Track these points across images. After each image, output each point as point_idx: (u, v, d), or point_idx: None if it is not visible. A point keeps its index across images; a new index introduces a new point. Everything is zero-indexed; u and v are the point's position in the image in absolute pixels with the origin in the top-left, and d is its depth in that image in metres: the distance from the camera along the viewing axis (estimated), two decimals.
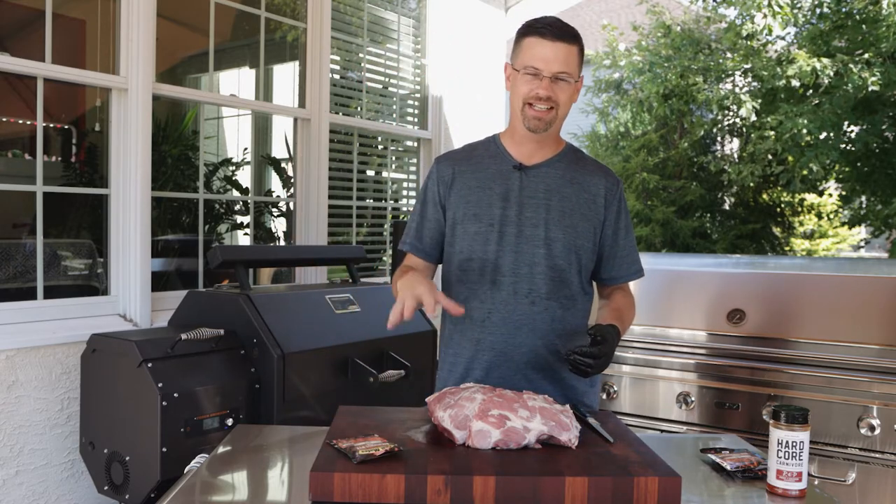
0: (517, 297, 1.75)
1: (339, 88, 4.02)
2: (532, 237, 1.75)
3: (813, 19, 7.78)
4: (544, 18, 1.70)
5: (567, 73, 1.68)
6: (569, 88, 1.71)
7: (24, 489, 2.59)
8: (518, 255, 1.74)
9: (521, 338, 1.75)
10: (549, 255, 1.75)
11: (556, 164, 1.80)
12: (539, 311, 1.75)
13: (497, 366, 1.76)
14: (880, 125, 7.37)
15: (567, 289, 1.78)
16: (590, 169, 1.84)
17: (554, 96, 1.69)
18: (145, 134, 2.94)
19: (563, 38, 1.67)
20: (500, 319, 1.75)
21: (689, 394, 2.61)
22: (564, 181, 1.79)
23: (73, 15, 4.43)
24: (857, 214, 9.35)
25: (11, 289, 3.27)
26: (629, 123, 10.52)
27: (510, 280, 1.75)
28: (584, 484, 1.22)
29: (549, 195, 1.77)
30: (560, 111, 1.72)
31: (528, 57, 1.69)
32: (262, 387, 2.51)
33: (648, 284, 2.91)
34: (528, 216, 1.75)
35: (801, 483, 1.34)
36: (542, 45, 1.67)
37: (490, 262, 1.75)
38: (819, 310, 2.55)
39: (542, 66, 1.67)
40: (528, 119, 1.71)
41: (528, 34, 1.70)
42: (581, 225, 1.78)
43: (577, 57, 1.70)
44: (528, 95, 1.69)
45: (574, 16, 21.17)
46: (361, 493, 1.21)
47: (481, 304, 1.76)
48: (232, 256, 2.81)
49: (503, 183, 1.77)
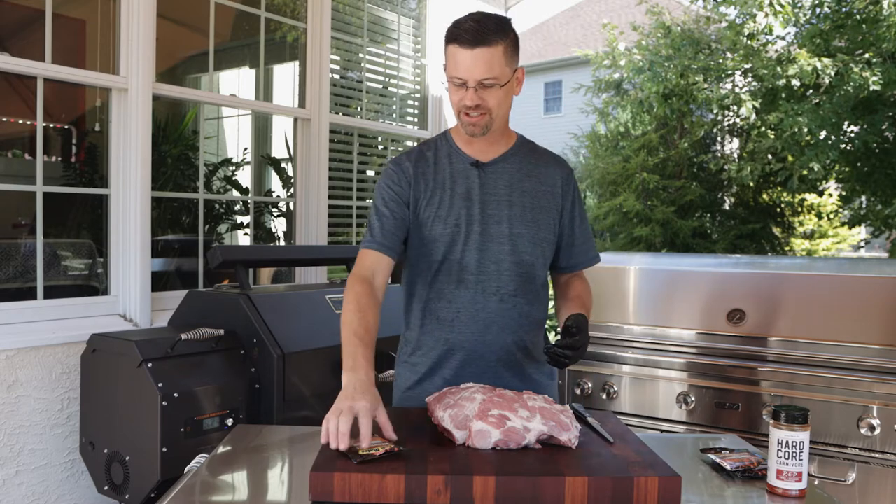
0: (485, 296, 1.74)
1: (339, 88, 4.02)
2: (496, 234, 1.74)
3: (813, 19, 7.78)
4: (464, 21, 1.63)
5: (492, 77, 1.62)
6: (498, 92, 1.65)
7: (24, 489, 2.59)
8: (483, 254, 1.73)
9: (491, 336, 1.75)
10: (514, 252, 1.75)
11: (512, 158, 1.80)
12: (508, 308, 1.75)
13: (467, 364, 1.76)
14: (880, 125, 7.37)
15: (533, 283, 1.79)
16: (544, 160, 1.84)
17: (483, 103, 1.64)
18: (145, 134, 2.94)
19: (481, 42, 1.60)
20: (469, 318, 1.74)
21: (689, 394, 2.61)
22: (522, 175, 1.78)
23: (73, 15, 4.43)
24: (857, 214, 9.34)
25: (11, 289, 3.27)
26: (629, 123, 10.51)
27: (476, 279, 1.73)
28: (584, 484, 1.22)
29: (509, 191, 1.76)
30: (495, 113, 1.68)
31: (452, 67, 1.64)
32: (262, 387, 2.51)
33: (648, 284, 2.92)
34: (490, 213, 1.74)
35: (801, 483, 1.33)
36: (462, 54, 1.61)
37: (455, 261, 1.73)
38: (819, 310, 2.55)
39: (465, 76, 1.62)
40: (465, 126, 1.70)
41: (449, 41, 1.64)
42: (543, 218, 1.78)
43: (503, 56, 1.63)
44: (458, 105, 1.67)
45: (574, 16, 21.18)
46: (361, 493, 1.21)
47: (448, 304, 1.75)
48: (232, 256, 2.81)
49: (463, 182, 1.75)
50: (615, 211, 9.98)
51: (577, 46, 15.27)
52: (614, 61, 9.17)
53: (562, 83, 18.60)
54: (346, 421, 1.30)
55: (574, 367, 2.84)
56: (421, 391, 1.77)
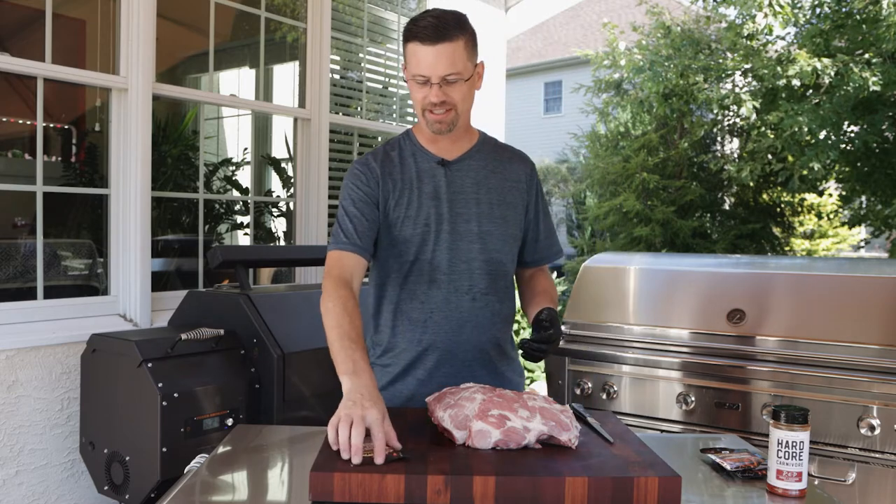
0: (458, 295, 1.74)
1: (339, 88, 4.02)
2: (466, 233, 1.74)
3: (813, 19, 7.78)
4: (422, 18, 1.62)
5: (455, 73, 1.62)
6: (462, 87, 1.65)
7: (24, 489, 2.59)
8: (454, 253, 1.73)
9: (465, 335, 1.75)
10: (484, 250, 1.75)
11: (477, 155, 1.80)
12: (480, 306, 1.75)
13: (441, 365, 1.75)
14: (880, 125, 7.37)
15: (503, 280, 1.79)
16: (508, 156, 1.85)
17: (448, 99, 1.64)
18: (145, 134, 2.94)
19: (441, 38, 1.59)
20: (443, 318, 1.74)
21: (689, 394, 2.61)
22: (488, 171, 1.79)
23: (73, 15, 4.43)
24: (857, 214, 9.34)
25: (11, 289, 3.27)
26: (629, 123, 10.51)
27: (448, 278, 1.73)
28: (584, 484, 1.22)
29: (476, 188, 1.76)
30: (460, 108, 1.68)
31: (414, 65, 1.63)
32: (262, 387, 2.51)
33: (648, 284, 2.92)
34: (459, 212, 1.74)
35: (801, 483, 1.33)
36: (424, 51, 1.60)
37: (426, 261, 1.72)
38: (819, 310, 2.54)
39: (427, 73, 1.61)
40: (430, 124, 1.69)
41: (409, 39, 1.62)
42: (510, 214, 1.79)
43: (464, 50, 1.63)
44: (423, 103, 1.66)
45: (574, 16, 21.17)
46: (361, 493, 1.21)
47: (421, 304, 1.74)
48: (232, 256, 2.81)
49: (430, 181, 1.74)
50: (615, 211, 9.98)
51: (577, 46, 15.27)
52: (614, 61, 9.17)
53: (562, 83, 18.60)
54: (358, 433, 1.27)
55: (574, 367, 2.84)
56: (393, 391, 1.77)
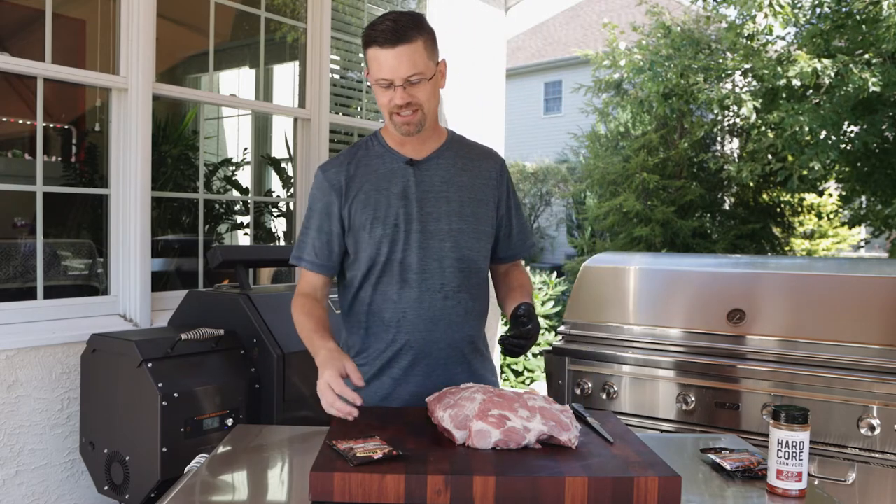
0: (430, 294, 1.74)
1: (339, 88, 4.02)
2: (436, 232, 1.74)
3: (813, 19, 7.78)
4: (380, 23, 1.63)
5: (417, 73, 1.63)
6: (426, 86, 1.66)
7: (24, 489, 2.59)
8: (425, 252, 1.73)
9: (438, 333, 1.75)
10: (455, 248, 1.75)
11: (445, 153, 1.80)
12: (452, 304, 1.75)
13: (416, 364, 1.76)
14: (880, 125, 7.36)
15: (476, 277, 1.80)
16: (477, 153, 1.86)
17: (413, 99, 1.65)
18: (145, 134, 2.94)
19: (400, 40, 1.61)
20: (416, 317, 1.74)
21: (689, 394, 2.61)
22: (457, 169, 1.79)
23: (73, 15, 4.43)
24: (857, 214, 9.34)
25: (11, 289, 3.27)
26: (629, 123, 10.51)
27: (420, 277, 1.73)
28: (584, 484, 1.22)
29: (446, 187, 1.76)
30: (426, 108, 1.69)
31: (376, 69, 1.64)
32: (262, 387, 2.51)
33: (648, 284, 2.92)
34: (429, 211, 1.74)
35: (801, 483, 1.33)
36: (384, 55, 1.61)
37: (397, 261, 1.73)
38: (819, 310, 2.55)
39: (390, 76, 1.62)
40: (399, 126, 1.69)
41: (368, 45, 1.64)
42: (482, 211, 1.80)
43: (424, 50, 1.64)
44: (389, 106, 1.67)
45: (574, 16, 21.17)
46: (361, 493, 1.21)
47: (394, 304, 1.74)
48: (232, 256, 2.81)
49: (398, 181, 1.75)
50: (615, 211, 9.98)
51: (577, 46, 15.27)
52: (614, 61, 9.16)
53: (562, 83, 18.60)
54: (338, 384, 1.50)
55: (574, 367, 2.84)
56: (369, 391, 1.77)
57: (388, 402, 1.77)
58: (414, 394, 1.75)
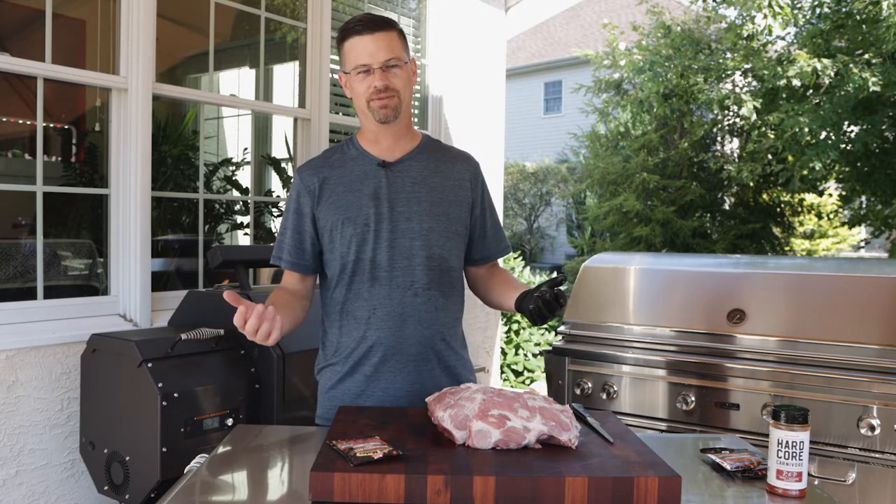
0: (400, 291, 1.76)
1: (339, 88, 4.02)
2: (407, 231, 1.76)
3: (813, 19, 7.78)
4: (355, 18, 1.73)
5: (395, 57, 1.71)
6: (402, 73, 1.73)
7: (24, 489, 2.59)
8: (394, 250, 1.75)
9: (408, 330, 1.76)
10: (426, 246, 1.77)
11: (418, 156, 1.83)
12: (422, 301, 1.77)
13: (387, 360, 1.77)
14: (880, 125, 7.37)
15: (447, 276, 1.81)
16: (451, 156, 1.88)
17: (391, 84, 1.71)
18: (145, 134, 2.94)
19: (378, 27, 1.70)
20: (385, 314, 1.76)
21: (689, 394, 2.61)
22: (429, 171, 1.82)
23: (73, 15, 4.43)
24: (857, 214, 9.34)
25: (11, 289, 3.27)
26: (629, 123, 10.52)
27: (389, 275, 1.75)
28: (584, 484, 1.22)
29: (416, 188, 1.79)
30: (402, 96, 1.74)
31: (354, 57, 1.71)
32: (262, 387, 2.51)
33: (648, 284, 2.92)
34: (399, 211, 1.76)
35: (801, 483, 1.33)
36: (363, 41, 1.70)
37: (367, 260, 1.75)
38: (819, 310, 2.55)
39: (369, 61, 1.70)
40: (376, 111, 1.73)
41: (346, 37, 1.72)
42: (454, 211, 1.81)
43: (400, 41, 1.74)
44: (366, 92, 1.72)
45: (574, 16, 21.18)
46: (361, 493, 1.21)
47: (365, 302, 1.77)
48: (232, 256, 2.81)
49: (370, 182, 1.78)
50: (615, 211, 9.99)
51: (577, 46, 15.27)
52: (614, 61, 9.17)
53: (562, 83, 18.61)
54: (235, 299, 1.60)
55: (574, 367, 2.84)
56: (343, 389, 1.79)
57: (362, 401, 1.78)
58: (386, 390, 1.77)
